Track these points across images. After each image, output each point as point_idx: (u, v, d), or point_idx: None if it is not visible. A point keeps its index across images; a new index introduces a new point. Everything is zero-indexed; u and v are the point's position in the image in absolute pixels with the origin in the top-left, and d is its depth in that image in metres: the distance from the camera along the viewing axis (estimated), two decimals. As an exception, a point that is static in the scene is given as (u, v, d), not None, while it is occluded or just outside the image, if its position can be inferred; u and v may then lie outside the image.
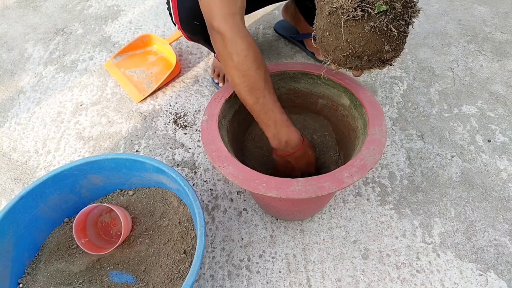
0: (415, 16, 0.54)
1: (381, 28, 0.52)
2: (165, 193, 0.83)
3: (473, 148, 0.97)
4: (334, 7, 0.53)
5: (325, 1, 0.55)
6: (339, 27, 0.55)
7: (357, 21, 0.53)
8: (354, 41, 0.55)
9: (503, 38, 1.27)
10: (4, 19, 1.52)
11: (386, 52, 0.56)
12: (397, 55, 0.60)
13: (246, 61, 0.65)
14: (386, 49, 0.56)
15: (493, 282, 0.75)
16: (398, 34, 0.54)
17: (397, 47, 0.57)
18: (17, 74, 1.28)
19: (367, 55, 0.57)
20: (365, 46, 0.55)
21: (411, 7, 0.54)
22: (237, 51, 0.64)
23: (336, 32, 0.55)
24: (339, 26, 0.55)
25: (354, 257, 0.80)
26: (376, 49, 0.56)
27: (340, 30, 0.55)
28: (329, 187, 0.57)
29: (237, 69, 0.65)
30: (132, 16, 1.46)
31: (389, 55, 0.58)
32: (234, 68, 0.66)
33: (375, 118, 0.66)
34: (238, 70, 0.65)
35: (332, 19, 0.55)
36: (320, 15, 0.57)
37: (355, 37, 0.54)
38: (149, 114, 1.11)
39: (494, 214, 0.85)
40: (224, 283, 0.77)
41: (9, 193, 0.96)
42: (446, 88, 1.12)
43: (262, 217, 0.87)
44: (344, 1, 0.53)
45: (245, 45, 0.64)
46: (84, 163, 0.76)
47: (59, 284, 0.72)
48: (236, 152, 0.71)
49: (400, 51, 0.59)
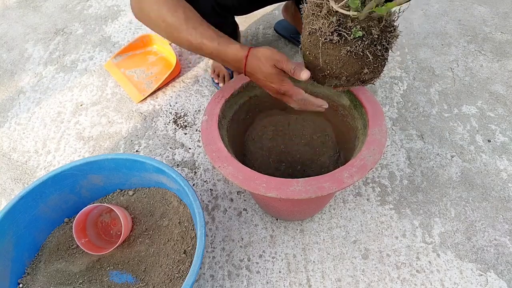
0: (394, 41, 0.55)
1: (357, 53, 0.53)
2: (165, 193, 0.83)
3: (473, 148, 0.97)
4: (313, 28, 0.54)
5: (306, 21, 0.56)
6: (318, 48, 0.55)
7: (334, 44, 0.53)
8: (332, 63, 0.56)
9: (503, 38, 1.27)
10: (4, 19, 1.52)
11: (364, 74, 0.57)
12: (376, 77, 0.60)
13: (160, 10, 0.62)
14: (364, 72, 0.56)
15: (493, 282, 0.75)
16: (374, 59, 0.54)
17: (375, 69, 0.57)
18: (17, 74, 1.28)
19: (345, 76, 0.57)
20: (342, 68, 0.56)
21: (390, 31, 0.54)
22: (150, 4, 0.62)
23: (315, 52, 0.56)
24: (318, 47, 0.55)
25: (354, 257, 0.80)
26: (353, 71, 0.56)
27: (319, 51, 0.55)
28: (329, 187, 0.57)
29: (156, 25, 0.64)
30: (132, 16, 1.46)
31: (368, 76, 0.58)
32: (153, 25, 0.64)
33: (375, 118, 0.66)
34: (157, 26, 0.64)
35: (312, 39, 0.55)
36: (303, 33, 0.58)
37: (332, 59, 0.55)
38: (149, 114, 1.11)
39: (494, 214, 0.85)
40: (224, 283, 0.77)
41: (9, 193, 0.96)
42: (446, 88, 1.12)
43: (262, 217, 0.87)
44: (322, 23, 0.53)
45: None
46: (84, 163, 0.76)
47: (59, 284, 0.72)
48: (236, 152, 0.71)
49: (379, 73, 0.59)
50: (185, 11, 0.63)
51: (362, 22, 0.53)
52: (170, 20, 0.63)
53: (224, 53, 0.63)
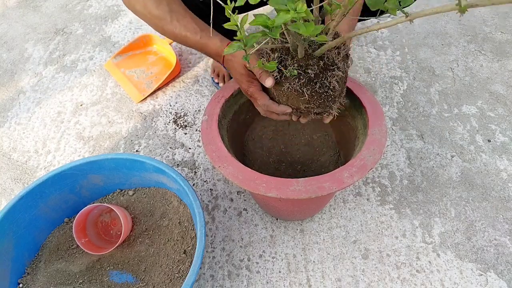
0: (335, 80, 0.56)
1: (297, 90, 0.56)
2: (165, 193, 0.83)
3: (473, 148, 0.97)
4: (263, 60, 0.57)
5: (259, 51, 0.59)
6: None
7: (276, 79, 0.57)
8: (279, 95, 0.59)
9: (503, 38, 1.27)
10: (4, 19, 1.52)
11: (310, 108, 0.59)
12: (327, 111, 0.62)
13: (146, 3, 0.64)
14: (307, 106, 0.59)
15: (493, 282, 0.75)
16: (315, 96, 0.57)
17: (321, 104, 0.59)
18: (17, 74, 1.28)
19: (294, 108, 0.60)
20: (288, 101, 0.59)
21: (331, 70, 0.56)
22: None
23: None
24: None
25: (354, 257, 0.80)
26: (298, 105, 0.59)
27: None
28: (329, 187, 0.57)
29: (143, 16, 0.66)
30: (132, 16, 1.46)
31: (316, 110, 0.60)
32: (141, 16, 0.66)
33: (375, 118, 0.66)
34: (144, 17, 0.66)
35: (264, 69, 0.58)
36: None
37: (278, 92, 0.59)
38: (149, 114, 1.11)
39: (494, 214, 0.85)
40: (224, 283, 0.77)
41: (9, 193, 0.96)
42: (446, 88, 1.12)
43: (262, 217, 0.87)
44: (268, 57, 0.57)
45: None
46: (84, 163, 0.76)
47: (59, 284, 0.72)
48: (236, 152, 0.71)
49: (328, 108, 0.61)
50: (169, 3, 0.64)
51: (301, 61, 0.55)
52: (155, 12, 0.64)
53: (206, 46, 0.64)
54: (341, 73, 0.56)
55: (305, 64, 0.55)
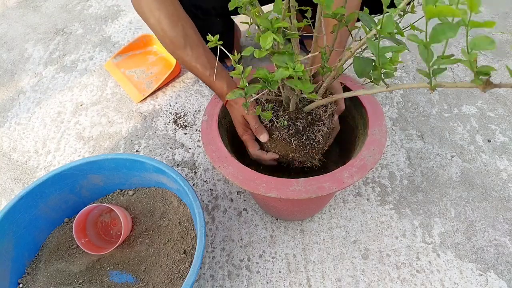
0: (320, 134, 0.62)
1: (285, 139, 0.62)
2: (165, 193, 0.83)
3: (473, 148, 0.97)
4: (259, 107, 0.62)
5: None
6: None
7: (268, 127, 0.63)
8: (270, 141, 0.64)
9: (503, 38, 1.27)
10: (4, 19, 1.52)
11: (295, 157, 0.65)
12: (310, 160, 0.67)
13: (160, 19, 0.63)
14: (293, 155, 0.64)
15: (493, 282, 0.75)
16: (301, 146, 0.62)
17: (306, 154, 0.65)
18: (17, 74, 1.28)
19: (281, 155, 0.65)
20: (276, 148, 0.65)
21: (317, 125, 0.61)
22: (150, 9, 0.63)
23: None
24: None
25: (354, 257, 0.80)
26: (285, 153, 0.65)
27: None
28: (329, 187, 0.57)
29: (154, 30, 0.66)
30: (132, 16, 1.46)
31: (301, 159, 0.66)
32: (152, 28, 0.66)
33: (375, 118, 0.66)
34: (155, 31, 0.66)
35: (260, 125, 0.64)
36: None
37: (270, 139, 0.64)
38: (149, 114, 1.11)
39: (494, 214, 0.85)
40: (224, 283, 0.77)
41: (9, 193, 0.96)
42: (446, 88, 1.12)
43: (262, 217, 0.87)
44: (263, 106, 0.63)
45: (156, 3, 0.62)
46: (84, 163, 0.76)
47: (59, 284, 0.72)
48: (236, 152, 0.71)
49: (311, 158, 0.67)
50: (184, 27, 0.65)
51: (291, 113, 0.61)
52: (170, 34, 0.64)
53: (212, 84, 0.68)
54: (326, 128, 0.63)
55: (295, 117, 0.61)
